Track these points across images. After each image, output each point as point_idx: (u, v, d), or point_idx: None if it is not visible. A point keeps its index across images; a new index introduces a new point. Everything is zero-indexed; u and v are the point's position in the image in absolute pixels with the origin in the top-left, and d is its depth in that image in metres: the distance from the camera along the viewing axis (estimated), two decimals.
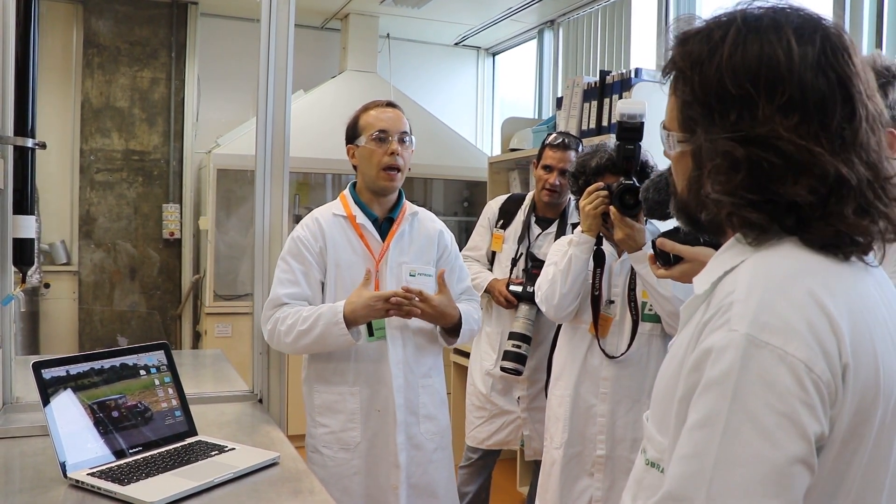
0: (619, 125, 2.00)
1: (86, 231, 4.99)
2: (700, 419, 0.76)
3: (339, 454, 2.05)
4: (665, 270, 1.65)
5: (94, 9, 4.97)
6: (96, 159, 5.00)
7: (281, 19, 2.11)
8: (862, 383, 0.77)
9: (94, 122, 4.99)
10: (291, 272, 2.05)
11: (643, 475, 0.92)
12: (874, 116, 0.83)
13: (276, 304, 2.04)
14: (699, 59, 0.85)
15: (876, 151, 0.82)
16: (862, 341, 0.78)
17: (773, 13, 0.84)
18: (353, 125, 2.14)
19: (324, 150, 4.60)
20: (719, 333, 0.77)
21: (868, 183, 0.81)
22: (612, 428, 2.16)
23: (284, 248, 2.09)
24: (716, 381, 0.75)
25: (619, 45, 4.40)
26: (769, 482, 0.71)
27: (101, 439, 1.53)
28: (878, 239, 0.84)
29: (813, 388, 0.74)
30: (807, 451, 0.73)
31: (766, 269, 0.81)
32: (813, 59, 0.80)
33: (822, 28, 0.83)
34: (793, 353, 0.74)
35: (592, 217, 2.10)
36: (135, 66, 5.06)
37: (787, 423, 0.72)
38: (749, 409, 0.73)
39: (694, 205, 0.90)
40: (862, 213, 0.81)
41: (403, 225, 2.14)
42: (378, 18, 5.28)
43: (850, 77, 0.81)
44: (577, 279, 2.14)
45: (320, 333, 1.95)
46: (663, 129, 0.93)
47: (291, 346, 2.01)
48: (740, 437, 0.73)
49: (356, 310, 1.95)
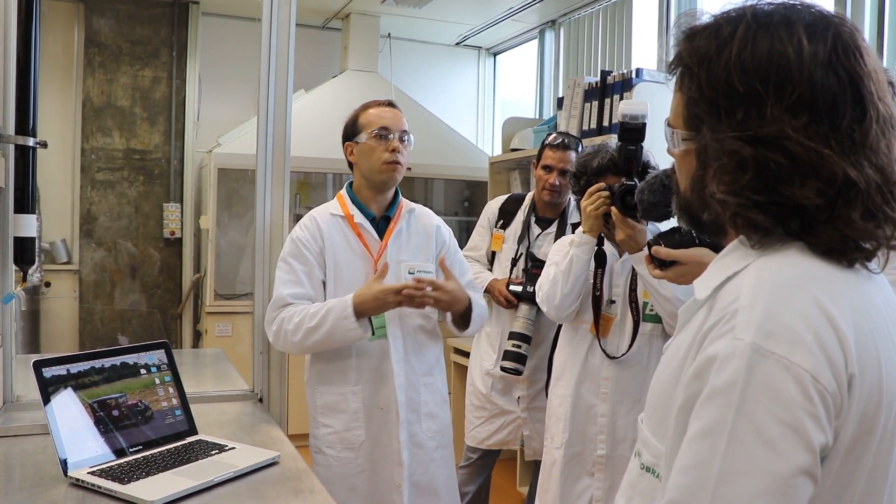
0: (621, 126, 2.00)
1: (86, 230, 4.99)
2: (703, 429, 0.74)
3: (344, 453, 2.06)
4: (661, 272, 1.65)
5: (95, 8, 4.97)
6: (97, 158, 5.00)
7: (282, 19, 2.11)
8: (867, 393, 0.76)
9: (96, 121, 4.99)
10: (293, 272, 2.05)
11: (637, 480, 0.90)
12: (885, 118, 0.81)
13: (281, 304, 2.03)
14: (707, 56, 0.83)
15: (886, 154, 0.80)
16: (867, 351, 0.77)
17: (784, 9, 0.82)
18: (352, 123, 2.15)
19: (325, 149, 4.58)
20: (724, 341, 0.75)
21: (877, 186, 0.79)
22: (613, 428, 2.16)
23: (284, 250, 2.09)
24: (720, 391, 0.74)
25: (621, 46, 4.40)
26: (773, 493, 0.70)
27: (101, 438, 1.53)
28: (883, 245, 0.82)
29: (818, 398, 0.72)
30: (811, 463, 0.72)
31: (771, 276, 0.79)
32: (824, 58, 0.78)
33: (834, 26, 0.80)
34: (798, 363, 0.72)
35: (594, 218, 2.10)
36: (136, 65, 5.07)
37: (792, 434, 0.71)
38: (754, 419, 0.72)
39: (697, 204, 0.89)
40: (869, 218, 0.79)
41: (401, 223, 2.14)
42: (379, 18, 5.28)
43: (861, 77, 0.79)
44: (578, 279, 2.14)
45: (330, 328, 1.95)
46: (667, 127, 0.91)
47: (299, 345, 2.00)
48: (744, 448, 0.71)
49: (365, 301, 1.95)
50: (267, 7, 2.10)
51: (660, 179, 1.81)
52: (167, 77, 5.13)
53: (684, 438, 0.76)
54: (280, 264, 2.08)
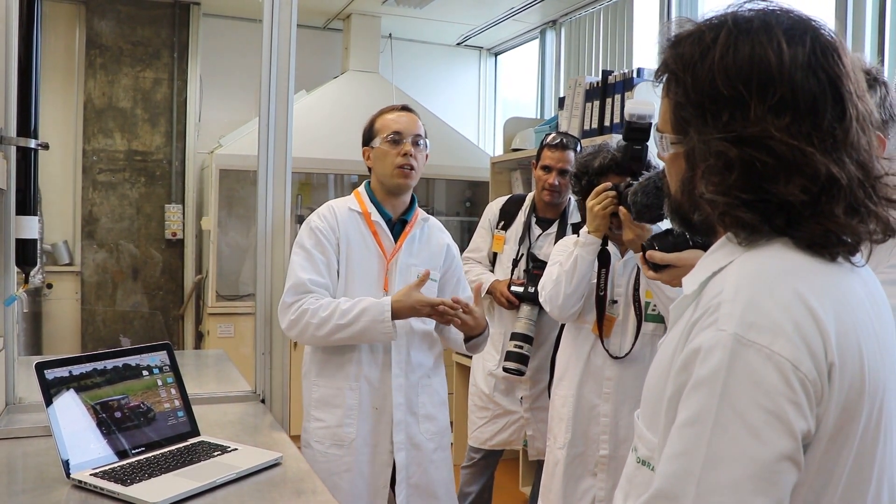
0: (628, 125, 1.99)
1: (88, 231, 4.99)
2: (689, 417, 0.77)
3: (331, 450, 2.05)
4: (655, 274, 1.66)
5: (96, 9, 4.97)
6: (99, 160, 5.01)
7: (283, 19, 2.11)
8: (848, 382, 0.78)
9: (97, 123, 4.99)
10: (312, 260, 2.04)
11: (634, 473, 0.93)
12: (864, 116, 0.84)
13: (301, 290, 2.00)
14: (691, 61, 0.86)
15: (866, 151, 0.83)
16: (848, 341, 0.79)
17: (763, 15, 0.85)
18: (368, 128, 2.17)
19: (326, 150, 4.60)
20: (707, 333, 0.78)
21: (859, 182, 0.82)
22: (616, 428, 2.16)
23: (301, 238, 2.08)
24: (704, 380, 0.76)
25: (622, 45, 4.40)
26: (757, 479, 0.73)
27: (103, 440, 1.53)
28: (865, 239, 0.85)
29: (799, 386, 0.75)
30: (794, 449, 0.74)
31: (754, 270, 0.82)
32: (803, 60, 0.81)
33: (812, 29, 0.84)
34: (779, 351, 0.75)
35: (601, 217, 2.09)
36: (137, 67, 5.07)
37: (775, 421, 0.74)
38: (737, 407, 0.74)
39: (687, 206, 0.91)
40: (852, 213, 0.82)
41: (415, 229, 2.16)
42: (380, 18, 5.28)
43: (840, 77, 0.82)
44: (582, 280, 2.14)
45: (363, 328, 1.96)
46: (657, 132, 0.94)
47: (321, 339, 2.00)
48: (728, 435, 0.74)
49: (402, 309, 1.98)
50: (268, 8, 2.10)
51: (653, 181, 1.80)
52: (168, 78, 5.13)
53: (672, 428, 0.79)
54: (297, 250, 2.07)
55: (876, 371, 0.82)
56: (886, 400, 0.84)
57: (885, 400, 0.83)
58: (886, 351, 0.86)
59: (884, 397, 0.83)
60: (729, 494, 0.72)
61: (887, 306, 0.91)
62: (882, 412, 0.83)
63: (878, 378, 0.82)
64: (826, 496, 0.80)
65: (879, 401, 0.82)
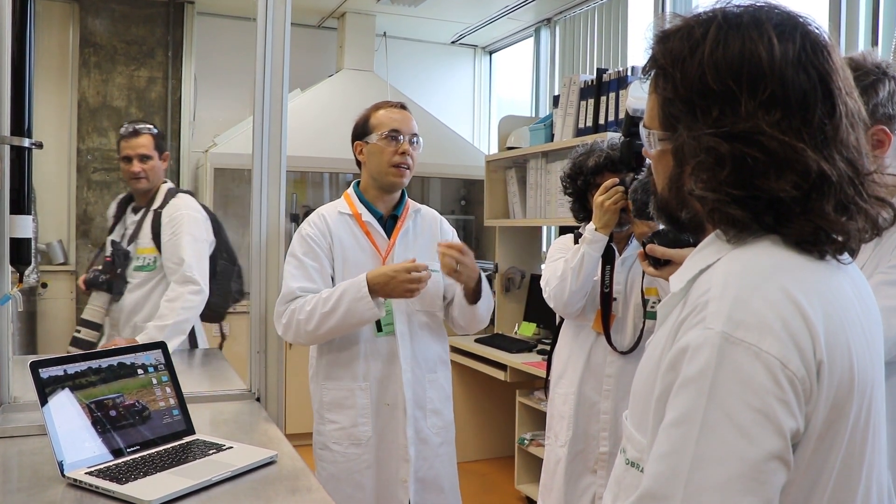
0: (630, 120, 1.97)
1: (83, 230, 4.98)
2: (677, 417, 0.76)
3: (350, 449, 2.07)
4: (655, 270, 1.67)
5: (90, 8, 4.95)
6: (93, 159, 4.99)
7: (277, 18, 2.11)
8: (836, 380, 0.78)
9: (91, 122, 4.98)
10: (303, 268, 2.06)
11: (623, 475, 0.92)
12: (853, 113, 0.84)
13: (290, 298, 2.04)
14: (681, 56, 0.85)
15: (856, 147, 0.83)
16: (836, 338, 0.79)
17: (753, 11, 0.84)
18: (363, 122, 2.16)
19: (321, 148, 4.60)
20: (695, 331, 0.77)
21: (848, 179, 0.81)
22: (616, 425, 2.17)
23: (293, 246, 2.10)
24: (692, 379, 0.75)
25: (616, 43, 4.41)
26: (745, 478, 0.72)
27: (98, 438, 1.53)
28: (854, 238, 0.84)
29: (788, 384, 0.74)
30: (782, 447, 0.73)
31: (741, 267, 0.81)
32: (794, 56, 0.81)
33: (801, 26, 0.83)
34: (767, 349, 0.74)
35: (612, 213, 2.07)
36: (131, 66, 5.05)
37: (763, 420, 0.73)
38: (725, 406, 0.73)
39: (675, 203, 0.90)
40: (842, 210, 0.81)
41: (407, 222, 2.16)
42: (375, 17, 5.28)
43: (829, 74, 0.82)
44: (588, 276, 2.13)
45: (346, 311, 1.96)
46: (643, 128, 0.93)
47: (313, 334, 2.01)
48: (717, 434, 0.73)
49: (378, 279, 1.97)
50: (262, 6, 2.09)
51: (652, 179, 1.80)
52: (163, 77, 5.12)
53: (660, 428, 0.78)
54: (289, 259, 2.09)
55: (864, 368, 0.81)
56: (874, 397, 0.83)
57: (873, 397, 0.83)
58: (874, 348, 0.85)
59: (872, 395, 0.83)
60: (717, 494, 0.72)
61: (874, 304, 0.91)
62: (871, 410, 0.83)
63: (867, 375, 0.82)
64: (815, 495, 0.79)
65: (868, 398, 0.82)
